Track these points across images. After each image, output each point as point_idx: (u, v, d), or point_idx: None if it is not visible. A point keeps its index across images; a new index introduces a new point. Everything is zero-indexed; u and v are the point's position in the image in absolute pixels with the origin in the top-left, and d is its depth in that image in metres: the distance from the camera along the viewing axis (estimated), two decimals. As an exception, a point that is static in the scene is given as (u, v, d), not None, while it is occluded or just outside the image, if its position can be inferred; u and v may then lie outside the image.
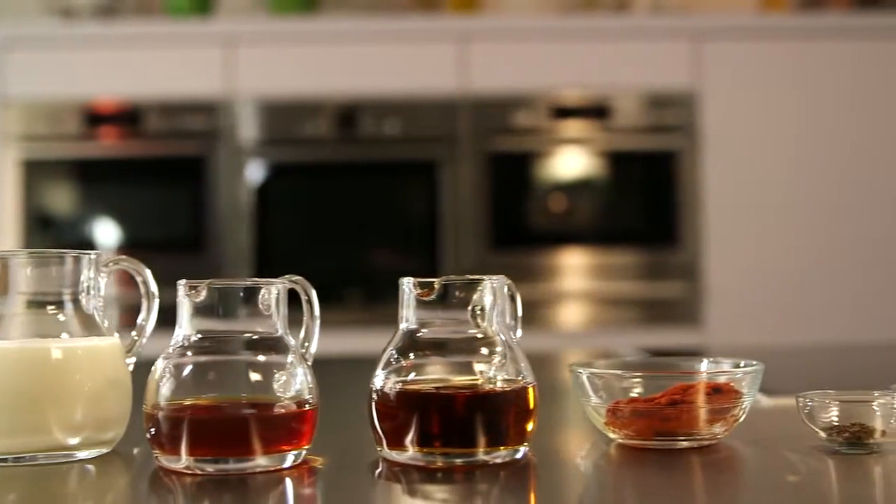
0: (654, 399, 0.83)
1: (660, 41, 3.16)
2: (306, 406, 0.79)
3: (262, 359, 0.79)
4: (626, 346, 2.07)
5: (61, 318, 0.84)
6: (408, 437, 0.77)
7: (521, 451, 0.79)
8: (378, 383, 0.80)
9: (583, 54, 3.17)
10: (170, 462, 0.77)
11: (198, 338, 0.79)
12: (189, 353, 0.78)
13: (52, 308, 0.85)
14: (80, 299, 0.86)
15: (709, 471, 0.79)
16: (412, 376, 0.80)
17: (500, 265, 3.11)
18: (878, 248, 3.13)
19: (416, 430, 0.77)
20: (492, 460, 0.78)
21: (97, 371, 0.83)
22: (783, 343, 2.80)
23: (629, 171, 3.23)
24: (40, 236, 3.14)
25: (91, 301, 0.86)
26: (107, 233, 3.18)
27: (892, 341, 2.75)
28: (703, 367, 0.91)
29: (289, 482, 0.76)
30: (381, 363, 0.81)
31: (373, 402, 0.80)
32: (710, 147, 3.12)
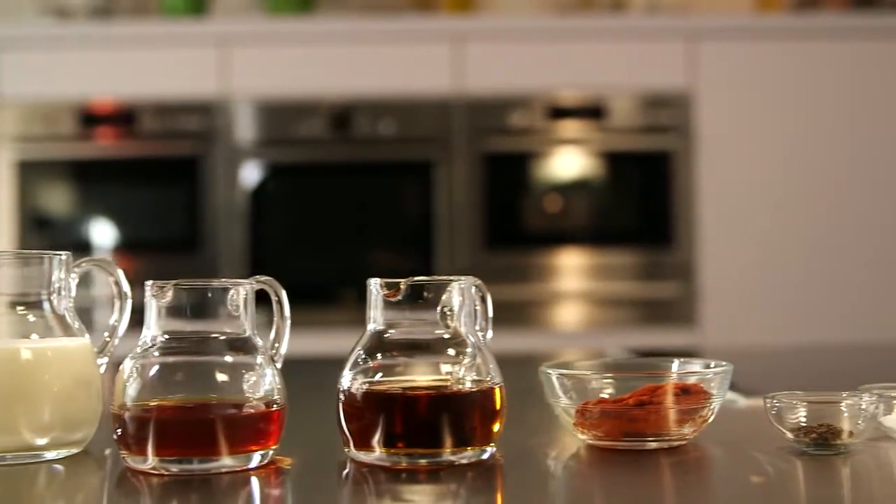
0: (622, 400, 0.83)
1: (656, 41, 3.16)
2: (273, 406, 0.79)
3: (228, 359, 0.79)
4: (615, 346, 2.06)
5: (31, 318, 0.85)
6: (374, 438, 0.77)
7: (488, 452, 0.79)
8: (345, 384, 0.80)
9: (578, 54, 3.17)
10: (136, 462, 0.77)
11: (164, 338, 0.79)
12: (156, 354, 0.79)
13: (22, 309, 0.85)
14: (51, 300, 0.86)
15: (676, 471, 0.79)
16: (378, 377, 0.80)
17: (496, 265, 3.11)
18: (874, 248, 3.12)
19: (381, 430, 0.77)
20: (458, 461, 0.78)
21: (66, 372, 0.83)
22: (778, 343, 2.80)
23: (625, 172, 3.23)
24: (36, 237, 3.14)
25: (62, 302, 0.87)
26: (102, 233, 3.18)
27: (887, 341, 2.75)
28: (674, 368, 0.91)
29: (255, 482, 0.76)
30: (349, 364, 0.81)
31: (340, 403, 0.80)
32: (705, 147, 3.12)
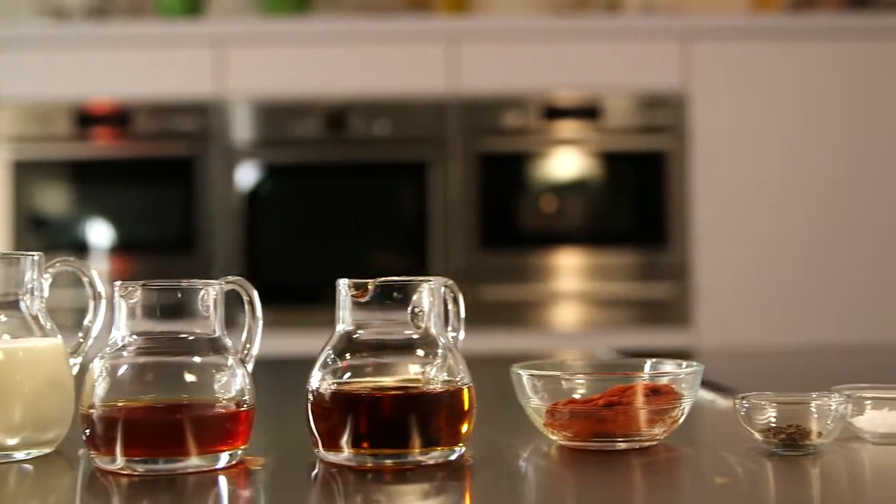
0: (592, 400, 0.83)
1: (651, 42, 3.16)
2: (242, 406, 0.79)
3: (197, 360, 0.79)
4: (605, 347, 2.06)
5: (2, 318, 0.85)
6: (341, 439, 0.77)
7: (457, 452, 0.80)
8: (313, 384, 0.80)
9: (573, 55, 3.17)
10: (105, 463, 0.77)
11: (133, 339, 0.79)
12: (125, 354, 0.79)
13: (-6, 309, 0.85)
14: (24, 301, 0.86)
15: (645, 472, 0.79)
16: (346, 377, 0.80)
17: (491, 266, 3.11)
18: (869, 248, 3.12)
19: (347, 430, 0.77)
20: (425, 461, 0.78)
21: (37, 372, 0.84)
22: (772, 343, 2.79)
23: (620, 172, 3.23)
24: (32, 237, 3.15)
25: (35, 302, 0.87)
26: (98, 233, 3.19)
27: (882, 342, 2.75)
28: (646, 368, 0.91)
29: (223, 482, 0.76)
30: (318, 364, 0.81)
31: (308, 404, 0.80)
32: (699, 148, 3.12)
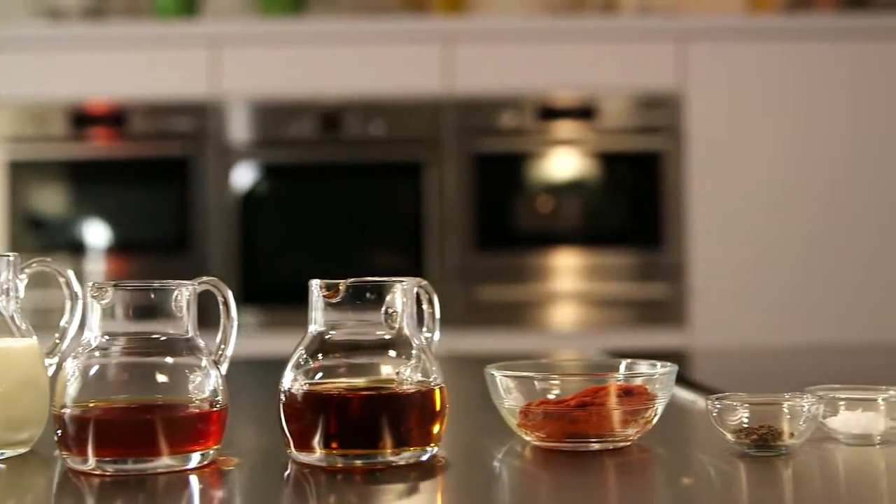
0: (565, 401, 0.83)
1: (647, 42, 3.16)
2: (214, 406, 0.79)
3: (169, 360, 0.79)
4: (596, 347, 2.06)
5: (-23, 319, 0.85)
6: (313, 439, 0.78)
7: (429, 453, 0.80)
8: (285, 385, 0.80)
9: (569, 55, 3.17)
10: (76, 463, 0.77)
11: (105, 339, 0.79)
12: (97, 355, 0.79)
13: (-31, 310, 0.85)
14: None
15: (616, 472, 0.79)
16: (318, 378, 0.80)
17: (486, 266, 3.11)
18: (864, 248, 3.12)
19: (318, 431, 0.77)
20: (396, 462, 0.78)
21: (11, 372, 0.84)
22: (768, 343, 2.79)
23: (616, 172, 3.23)
24: (28, 238, 3.15)
25: (10, 303, 0.87)
26: (94, 234, 3.19)
27: (878, 341, 2.74)
28: (621, 369, 0.91)
29: (194, 482, 0.76)
30: (290, 365, 0.81)
31: (280, 404, 0.80)
32: (695, 148, 3.12)
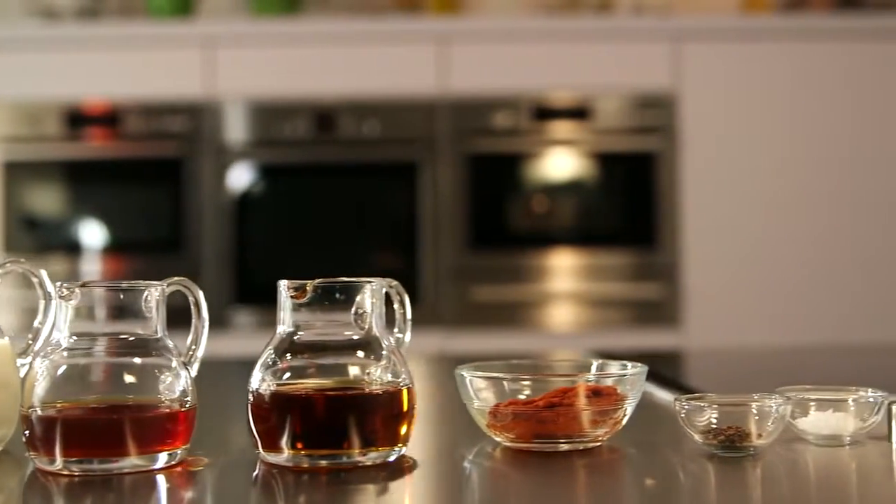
0: (533, 402, 0.83)
1: (641, 42, 3.16)
2: (182, 406, 0.79)
3: (137, 360, 0.80)
4: (586, 348, 2.06)
5: (-52, 319, 0.85)
6: (280, 439, 0.78)
7: (396, 453, 0.80)
8: (253, 385, 0.80)
9: (564, 55, 3.17)
10: (43, 464, 0.77)
11: (73, 340, 0.79)
12: (64, 355, 0.79)
13: (-61, 310, 0.85)
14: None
15: (584, 473, 0.80)
16: (285, 379, 0.80)
17: (481, 266, 3.11)
18: (859, 249, 3.12)
19: (285, 431, 0.77)
20: (363, 462, 0.78)
21: (-18, 372, 0.84)
22: (762, 344, 2.79)
23: (610, 173, 3.23)
24: (23, 238, 3.15)
25: (-18, 303, 0.87)
26: (89, 233, 3.19)
27: (873, 342, 2.74)
28: (592, 369, 0.91)
29: (161, 482, 0.76)
30: (258, 365, 0.81)
31: (249, 405, 0.80)
32: (689, 148, 3.12)
